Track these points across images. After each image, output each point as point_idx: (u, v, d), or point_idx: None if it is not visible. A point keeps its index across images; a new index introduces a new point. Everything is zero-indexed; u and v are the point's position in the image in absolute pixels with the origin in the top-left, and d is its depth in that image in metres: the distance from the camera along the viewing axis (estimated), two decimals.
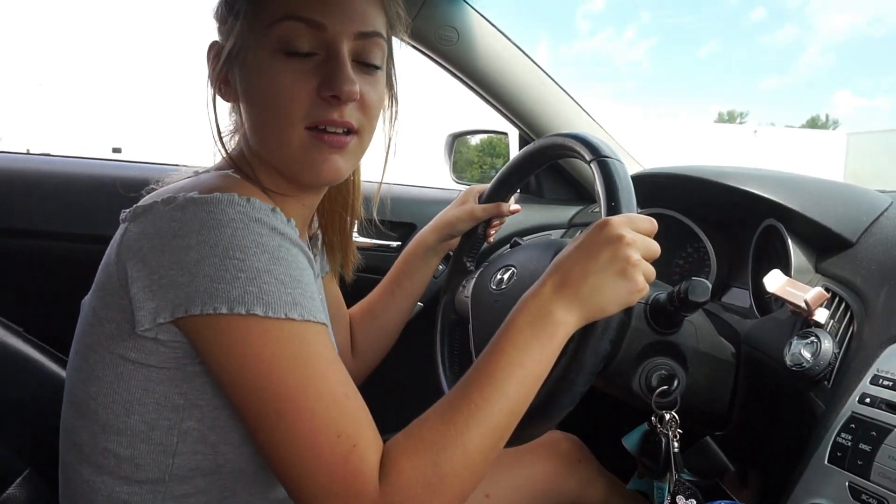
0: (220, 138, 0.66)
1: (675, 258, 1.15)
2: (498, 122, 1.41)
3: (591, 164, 0.78)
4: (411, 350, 1.33)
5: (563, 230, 1.39)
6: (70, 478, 0.64)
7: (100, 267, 0.61)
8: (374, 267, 1.31)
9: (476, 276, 0.98)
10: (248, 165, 0.66)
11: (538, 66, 1.26)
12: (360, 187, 0.84)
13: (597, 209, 1.38)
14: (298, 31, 0.60)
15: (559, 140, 0.88)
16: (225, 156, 0.65)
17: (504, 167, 1.02)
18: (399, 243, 1.33)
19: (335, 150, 0.63)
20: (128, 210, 0.59)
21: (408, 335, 1.32)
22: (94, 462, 0.60)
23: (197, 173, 0.65)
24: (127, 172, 1.23)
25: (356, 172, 0.82)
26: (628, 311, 0.74)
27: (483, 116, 1.49)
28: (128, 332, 0.56)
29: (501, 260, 0.94)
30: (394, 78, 0.74)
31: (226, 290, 0.51)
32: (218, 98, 0.68)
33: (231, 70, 0.63)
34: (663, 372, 0.80)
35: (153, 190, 0.67)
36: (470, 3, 1.18)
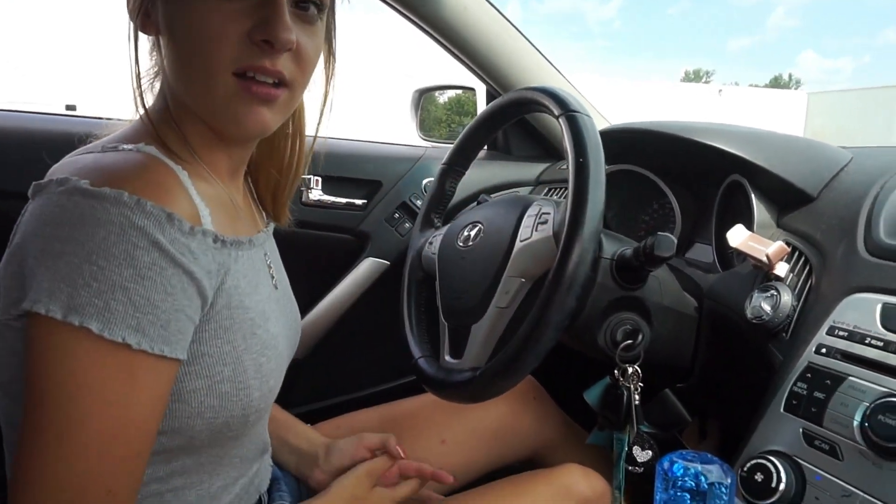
0: (140, 88, 0.61)
1: (641, 214, 1.15)
2: (466, 78, 1.39)
3: (560, 119, 0.77)
4: (379, 307, 1.32)
5: (531, 187, 1.39)
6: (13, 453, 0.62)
7: None
8: (339, 226, 1.30)
9: (443, 232, 0.97)
10: (169, 117, 0.61)
11: (506, 19, 1.23)
12: (303, 147, 0.76)
13: (564, 166, 1.38)
14: None
15: (527, 94, 0.87)
16: (143, 113, 0.60)
17: (471, 122, 1.00)
18: (364, 201, 1.31)
19: (263, 102, 0.59)
20: (33, 183, 0.56)
21: (375, 293, 1.32)
22: None
23: (114, 146, 0.59)
24: (58, 126, 1.18)
25: (299, 133, 0.75)
26: (594, 267, 0.75)
27: (452, 72, 1.46)
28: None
29: (468, 216, 0.94)
30: (333, 32, 0.70)
31: (70, 295, 0.48)
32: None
33: (153, 1, 0.58)
34: (628, 327, 0.80)
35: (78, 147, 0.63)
36: None
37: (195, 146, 0.62)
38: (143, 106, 0.60)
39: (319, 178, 1.26)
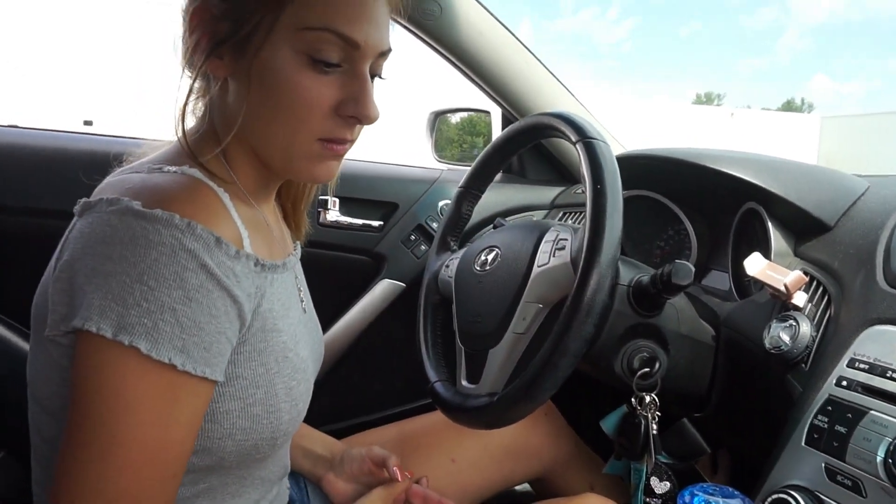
0: (184, 116, 0.62)
1: (656, 241, 1.16)
2: (481, 100, 1.40)
3: (577, 145, 0.78)
4: (395, 329, 1.33)
5: (546, 210, 1.39)
6: (43, 466, 0.63)
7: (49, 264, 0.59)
8: (356, 247, 1.31)
9: (460, 256, 0.98)
10: (212, 140, 0.62)
11: (522, 44, 1.25)
12: None
13: (580, 190, 1.39)
14: (333, 43, 0.58)
15: (544, 119, 0.87)
16: (186, 149, 0.61)
17: (487, 147, 1.01)
18: (381, 223, 1.32)
19: (338, 157, 0.63)
20: (81, 201, 0.57)
21: (391, 315, 1.32)
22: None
23: (158, 167, 0.60)
24: (94, 146, 1.20)
25: None
26: (611, 294, 0.75)
27: (465, 95, 1.47)
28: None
29: (485, 240, 0.94)
30: None
31: (121, 315, 0.49)
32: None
33: (235, 51, 0.59)
34: (645, 354, 0.80)
35: (120, 165, 0.65)
36: None
37: (236, 169, 0.63)
38: (184, 132, 0.62)
39: (337, 200, 1.28)
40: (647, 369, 0.79)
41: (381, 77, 0.65)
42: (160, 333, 0.50)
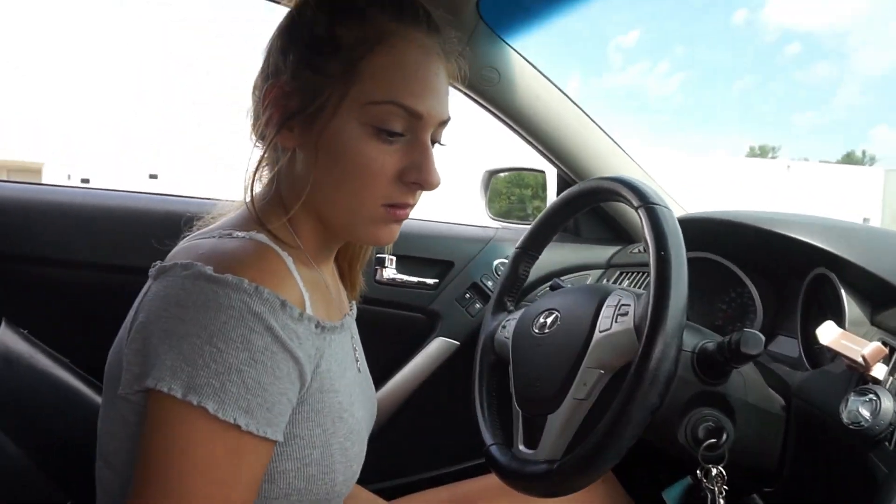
0: (252, 193, 0.65)
1: (717, 303, 1.13)
2: (531, 157, 1.42)
3: (639, 211, 0.78)
4: (449, 387, 1.32)
5: (602, 270, 1.38)
6: None
7: (124, 323, 0.62)
8: (411, 304, 1.32)
9: (517, 317, 0.97)
10: (278, 206, 0.65)
11: (578, 107, 1.27)
12: None
13: (636, 250, 1.38)
14: (397, 114, 0.61)
15: (605, 184, 0.88)
16: (254, 215, 0.63)
17: (546, 209, 1.01)
18: (436, 280, 1.33)
19: (400, 221, 0.66)
20: (156, 264, 0.60)
21: (445, 373, 1.32)
22: None
23: (228, 233, 0.63)
24: (167, 206, 1.26)
25: None
26: (675, 361, 0.73)
27: (511, 150, 1.49)
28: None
29: (543, 302, 0.94)
30: None
31: (191, 375, 0.51)
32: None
33: (304, 123, 0.62)
34: (710, 424, 0.78)
35: (190, 228, 0.68)
36: (511, 44, 1.20)
37: (300, 232, 0.66)
38: (252, 199, 0.65)
39: (394, 258, 1.30)
40: (713, 440, 0.76)
41: (440, 144, 0.67)
42: (227, 394, 0.51)
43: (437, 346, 1.31)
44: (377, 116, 0.60)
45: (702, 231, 1.08)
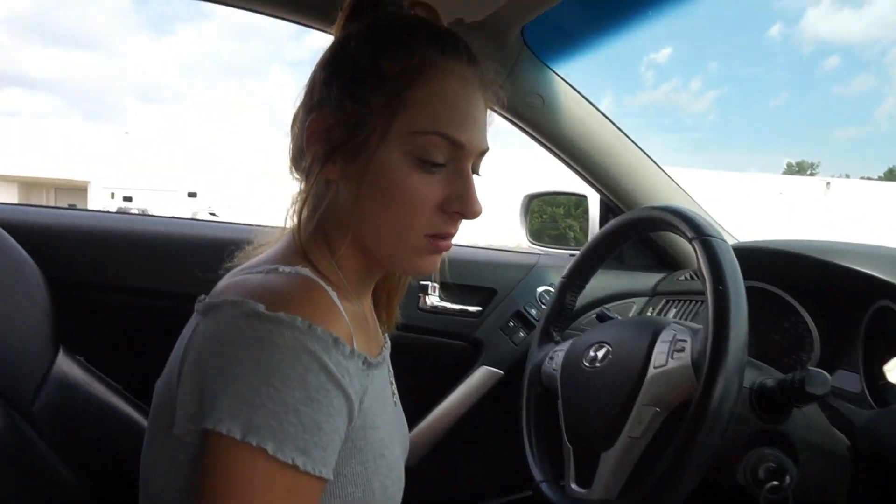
0: (300, 219, 0.65)
1: (771, 333, 1.09)
2: (571, 181, 1.40)
3: (694, 243, 0.76)
4: (493, 417, 1.30)
5: (647, 298, 1.35)
6: None
7: (171, 355, 0.62)
8: (454, 332, 1.31)
9: (566, 348, 0.96)
10: (321, 239, 0.65)
11: (622, 132, 1.25)
12: None
13: (681, 277, 1.35)
14: (440, 145, 0.61)
15: (656, 214, 0.86)
16: (301, 251, 0.64)
17: (593, 239, 1.00)
18: (479, 308, 1.33)
19: (441, 252, 0.65)
20: (202, 299, 0.60)
21: (489, 402, 1.30)
22: None
23: (273, 267, 0.62)
24: (220, 234, 1.28)
25: None
26: (737, 400, 0.71)
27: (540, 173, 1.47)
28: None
29: (593, 335, 0.92)
30: None
31: (248, 416, 0.50)
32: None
33: (348, 156, 0.62)
34: (771, 464, 0.75)
35: (232, 258, 0.69)
36: (555, 69, 1.20)
37: (342, 265, 0.65)
38: (300, 234, 0.64)
39: (437, 285, 1.30)
40: (775, 482, 0.74)
41: (478, 174, 0.67)
42: (285, 434, 0.51)
43: (480, 376, 1.30)
44: (420, 147, 0.60)
45: (755, 260, 1.05)
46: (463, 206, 0.62)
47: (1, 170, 20.31)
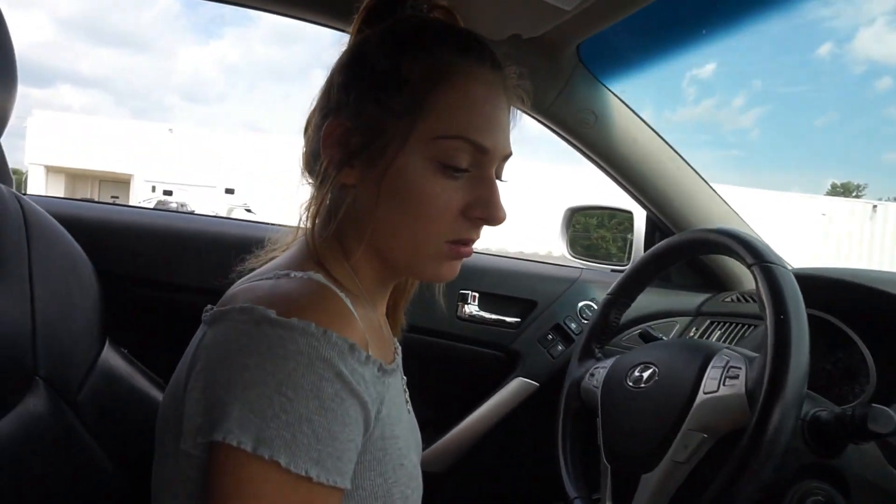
0: (314, 227, 0.63)
1: (822, 362, 1.06)
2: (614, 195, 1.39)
3: (753, 269, 0.75)
4: (526, 429, 1.29)
5: (691, 318, 1.33)
6: None
7: (178, 366, 0.60)
8: (492, 342, 1.31)
9: (608, 366, 0.94)
10: (336, 244, 0.63)
11: (675, 152, 1.24)
12: None
13: (727, 299, 1.32)
14: (464, 150, 0.59)
15: (712, 237, 0.85)
16: (315, 256, 0.62)
17: (643, 257, 0.99)
18: (518, 320, 1.32)
19: (461, 259, 0.64)
20: (209, 309, 0.58)
21: (523, 414, 1.29)
22: None
23: (285, 273, 0.60)
24: (261, 233, 1.30)
25: None
26: (793, 433, 0.68)
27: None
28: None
29: (638, 354, 0.90)
30: None
31: (260, 427, 0.48)
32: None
33: (367, 161, 0.60)
34: (819, 498, 0.72)
35: (243, 260, 0.69)
36: (608, 86, 1.19)
37: (358, 271, 0.64)
38: (314, 240, 0.62)
39: (477, 294, 1.29)
40: None
41: (501, 179, 0.64)
42: (298, 446, 0.49)
43: (516, 387, 1.29)
44: (444, 152, 0.59)
45: (810, 288, 1.02)
46: (487, 211, 0.61)
47: (51, 161, 21.01)
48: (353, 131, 0.60)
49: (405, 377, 0.77)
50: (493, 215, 0.61)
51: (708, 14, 1.08)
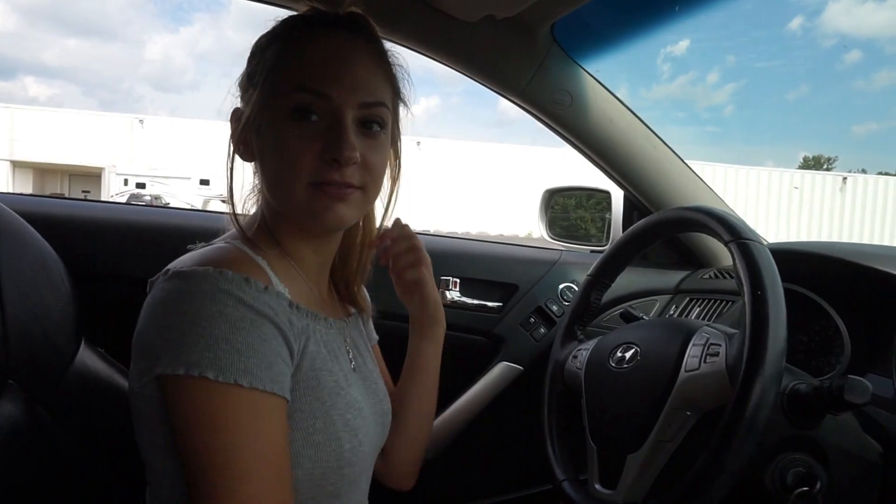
0: (232, 199, 0.73)
1: (799, 335, 1.08)
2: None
3: (730, 245, 0.75)
4: (511, 413, 1.30)
5: (670, 296, 1.34)
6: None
7: None
8: (474, 328, 1.31)
9: (590, 347, 0.95)
10: (263, 223, 0.74)
11: (652, 131, 1.24)
12: (369, 253, 0.88)
13: (706, 276, 1.33)
14: (308, 100, 0.67)
15: (689, 215, 0.85)
16: (234, 222, 0.72)
17: (622, 237, 0.99)
18: (500, 304, 1.32)
19: (338, 200, 0.68)
20: (150, 280, 0.68)
21: (508, 398, 1.30)
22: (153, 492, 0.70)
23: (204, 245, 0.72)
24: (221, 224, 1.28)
25: (368, 238, 0.87)
26: (773, 407, 0.69)
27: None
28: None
29: (620, 334, 0.91)
30: (398, 139, 0.80)
31: (187, 354, 0.58)
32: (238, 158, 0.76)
33: (249, 134, 0.71)
34: (801, 469, 0.74)
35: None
36: (584, 66, 1.18)
37: (285, 245, 0.73)
38: (236, 217, 0.73)
39: (458, 280, 1.29)
40: (805, 488, 0.72)
41: (380, 127, 0.71)
42: (222, 361, 0.58)
43: (500, 371, 1.29)
44: (293, 106, 0.67)
45: (785, 262, 1.04)
46: (333, 151, 0.66)
47: (17, 156, 20.49)
48: (241, 111, 0.72)
49: (357, 342, 0.83)
50: (339, 154, 0.66)
51: None
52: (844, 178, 23.06)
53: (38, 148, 20.26)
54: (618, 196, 1.42)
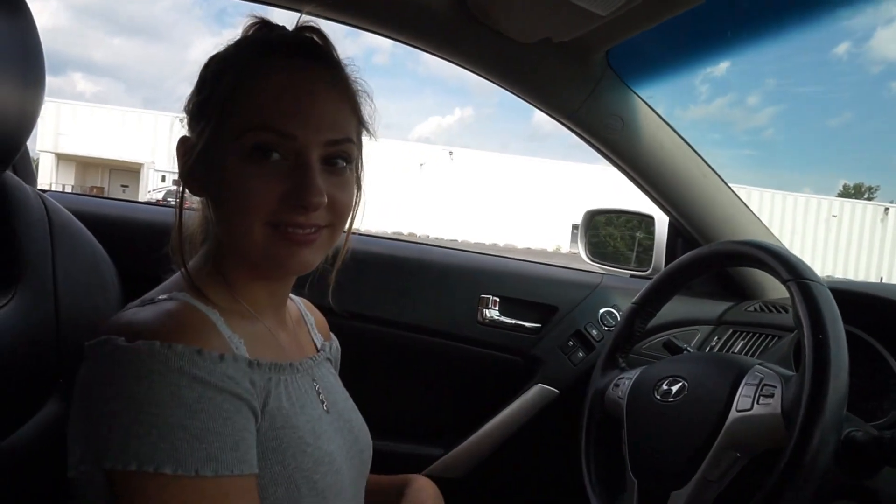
0: (182, 246, 0.67)
1: (852, 377, 1.04)
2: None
3: (790, 285, 0.73)
4: (545, 436, 1.28)
5: (712, 326, 1.31)
6: None
7: None
8: (512, 347, 1.29)
9: (633, 377, 0.93)
10: (212, 268, 0.67)
11: (703, 160, 1.22)
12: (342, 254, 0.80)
13: (750, 308, 1.30)
14: (270, 139, 0.61)
15: (744, 249, 0.83)
16: (183, 271, 0.66)
17: (671, 266, 0.97)
18: (538, 325, 1.30)
19: (302, 245, 0.63)
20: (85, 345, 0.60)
21: (542, 420, 1.28)
22: None
23: (148, 302, 0.64)
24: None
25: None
26: (832, 456, 0.67)
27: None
28: None
29: (666, 367, 0.89)
30: (360, 170, 0.73)
31: (137, 447, 0.51)
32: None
33: (198, 166, 0.64)
34: None
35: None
36: (637, 92, 1.17)
37: (238, 288, 0.67)
38: (184, 262, 0.66)
39: (498, 299, 1.28)
40: None
41: (344, 162, 0.65)
42: (179, 451, 0.51)
43: (535, 393, 1.28)
44: (252, 142, 0.61)
45: (840, 302, 1.01)
46: (300, 196, 0.61)
47: (62, 149, 21.11)
48: (191, 144, 0.64)
49: (325, 380, 0.76)
50: (307, 200, 0.61)
51: (738, 22, 1.06)
52: (886, 209, 22.44)
53: (82, 142, 20.83)
54: (661, 220, 1.41)
